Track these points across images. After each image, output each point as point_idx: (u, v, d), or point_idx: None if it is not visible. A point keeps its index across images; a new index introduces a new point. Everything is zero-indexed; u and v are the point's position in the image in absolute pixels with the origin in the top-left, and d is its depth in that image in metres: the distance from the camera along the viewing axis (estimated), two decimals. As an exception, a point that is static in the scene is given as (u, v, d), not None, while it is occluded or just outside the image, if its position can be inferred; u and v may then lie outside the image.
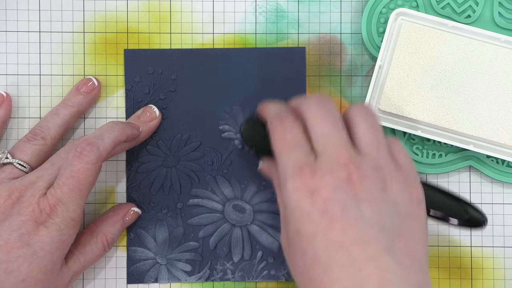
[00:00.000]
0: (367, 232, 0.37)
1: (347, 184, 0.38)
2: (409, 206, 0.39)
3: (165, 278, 0.50)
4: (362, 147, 0.40)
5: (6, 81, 0.50)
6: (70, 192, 0.43)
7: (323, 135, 0.40)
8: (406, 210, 0.39)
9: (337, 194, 0.38)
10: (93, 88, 0.49)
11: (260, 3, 0.51)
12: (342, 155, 0.39)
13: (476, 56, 0.48)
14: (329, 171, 0.38)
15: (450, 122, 0.48)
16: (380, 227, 0.37)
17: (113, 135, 0.44)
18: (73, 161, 0.43)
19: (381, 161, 0.40)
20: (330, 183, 0.38)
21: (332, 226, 0.37)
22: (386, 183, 0.39)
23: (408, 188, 0.40)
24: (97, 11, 0.51)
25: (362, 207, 0.38)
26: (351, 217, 0.37)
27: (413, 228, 0.39)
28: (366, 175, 0.38)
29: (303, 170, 0.38)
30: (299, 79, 0.50)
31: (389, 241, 0.37)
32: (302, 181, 0.38)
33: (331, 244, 0.37)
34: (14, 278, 0.42)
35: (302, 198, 0.38)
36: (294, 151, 0.40)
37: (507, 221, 0.51)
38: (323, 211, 0.37)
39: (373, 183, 0.38)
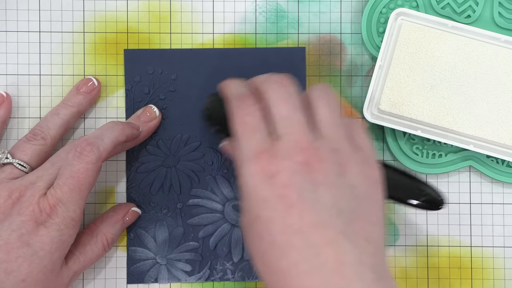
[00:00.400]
0: (324, 216, 0.37)
1: (305, 168, 0.38)
2: (366, 187, 0.39)
3: (165, 278, 0.50)
4: (321, 129, 0.40)
5: (6, 81, 0.50)
6: (70, 192, 0.43)
7: (282, 118, 0.39)
8: (363, 192, 0.39)
9: (294, 178, 0.37)
10: (93, 88, 0.49)
11: (260, 3, 0.51)
12: (301, 139, 0.38)
13: (476, 56, 0.48)
14: (287, 156, 0.38)
15: (450, 122, 0.48)
16: (337, 211, 0.37)
17: (113, 135, 0.44)
18: (73, 161, 0.43)
19: (339, 144, 0.39)
20: (288, 167, 0.37)
21: (289, 211, 0.37)
22: (344, 166, 0.39)
23: (366, 169, 0.39)
24: (97, 11, 0.51)
25: (319, 191, 0.37)
26: (308, 202, 0.37)
27: (369, 210, 0.39)
28: (324, 159, 0.38)
29: (261, 155, 0.38)
30: (299, 79, 0.50)
31: (346, 224, 0.37)
32: (260, 166, 0.38)
33: (288, 229, 0.37)
34: (14, 278, 0.42)
35: (259, 183, 0.37)
36: (253, 134, 0.39)
37: (507, 221, 0.51)
38: (280, 196, 0.37)
39: (330, 166, 0.38)
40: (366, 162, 0.40)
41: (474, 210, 0.51)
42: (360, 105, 0.51)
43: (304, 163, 0.38)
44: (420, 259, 0.51)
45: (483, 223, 0.51)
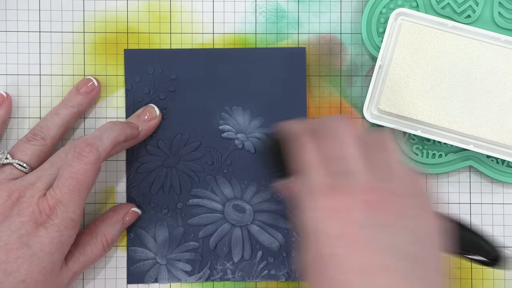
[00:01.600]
0: (386, 258, 0.37)
1: (367, 207, 0.38)
2: (427, 233, 0.39)
3: (165, 278, 0.50)
4: (387, 172, 0.40)
5: (6, 81, 0.50)
6: (70, 193, 0.43)
7: (349, 156, 0.39)
8: (423, 238, 0.39)
9: (356, 215, 0.37)
10: (93, 88, 0.49)
11: (260, 3, 0.51)
12: (368, 179, 0.39)
13: (476, 56, 0.48)
14: (349, 194, 0.38)
15: (450, 122, 0.48)
16: (400, 254, 0.37)
17: (112, 135, 0.44)
18: (72, 162, 0.43)
19: (399, 187, 0.39)
20: (353, 205, 0.37)
21: (354, 250, 0.37)
22: (407, 210, 0.39)
23: (426, 215, 0.39)
24: (97, 11, 0.51)
25: (384, 232, 0.37)
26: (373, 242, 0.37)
27: (430, 256, 0.39)
28: (385, 200, 0.38)
29: (327, 190, 0.38)
30: (299, 79, 0.50)
31: (409, 268, 0.37)
32: (325, 201, 0.38)
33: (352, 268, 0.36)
34: (13, 279, 0.42)
35: (324, 218, 0.37)
36: (318, 170, 0.39)
37: (507, 221, 0.51)
38: (345, 233, 0.37)
39: (392, 208, 0.38)
40: (425, 208, 0.40)
41: (474, 210, 0.51)
42: (360, 105, 0.51)
43: (369, 202, 0.38)
44: (420, 259, 0.51)
45: (483, 223, 0.51)
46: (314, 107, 0.51)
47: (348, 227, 0.37)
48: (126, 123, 0.47)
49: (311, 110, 0.51)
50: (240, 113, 0.50)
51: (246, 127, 0.50)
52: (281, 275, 0.50)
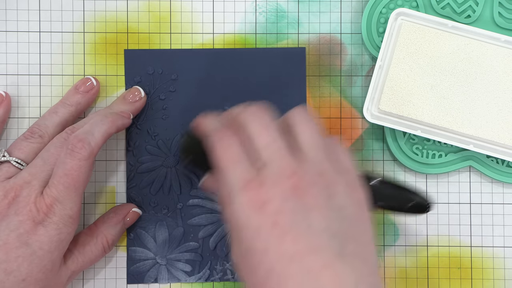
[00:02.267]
0: (318, 240, 0.36)
1: (294, 193, 0.37)
2: (354, 208, 0.39)
3: (165, 278, 0.50)
4: (304, 153, 0.39)
5: (6, 81, 0.50)
6: (66, 190, 0.43)
7: (264, 147, 0.39)
8: (352, 213, 0.39)
9: (285, 205, 0.37)
10: (91, 87, 0.49)
11: (260, 3, 0.51)
12: (286, 165, 0.38)
13: (476, 56, 0.48)
14: (275, 183, 0.38)
15: (450, 122, 0.48)
16: (330, 234, 0.37)
17: (103, 129, 0.44)
18: (66, 159, 0.43)
19: (324, 166, 0.39)
20: (277, 194, 0.37)
21: (284, 238, 0.36)
22: (331, 188, 0.39)
23: (352, 190, 0.39)
24: (97, 11, 0.51)
25: (311, 215, 0.37)
26: (301, 227, 0.37)
27: (360, 230, 0.39)
28: (311, 182, 0.38)
29: (249, 185, 0.38)
30: (299, 79, 0.50)
31: (340, 246, 0.37)
32: (249, 196, 0.37)
33: (284, 257, 0.36)
34: (14, 278, 0.42)
35: (250, 213, 0.37)
36: (238, 166, 0.39)
37: (507, 221, 0.51)
38: (273, 224, 0.37)
39: (319, 190, 0.38)
40: (350, 183, 0.40)
41: (474, 210, 0.51)
42: (360, 105, 0.51)
43: (293, 188, 0.37)
44: (420, 259, 0.51)
45: (483, 223, 0.51)
46: (314, 107, 0.51)
47: (277, 217, 0.37)
48: (116, 114, 0.47)
49: (311, 110, 0.51)
50: (240, 113, 0.50)
51: (246, 127, 0.50)
52: (281, 275, 0.50)
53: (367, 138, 0.51)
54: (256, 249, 0.37)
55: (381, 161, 0.51)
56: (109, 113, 0.46)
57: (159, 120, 0.50)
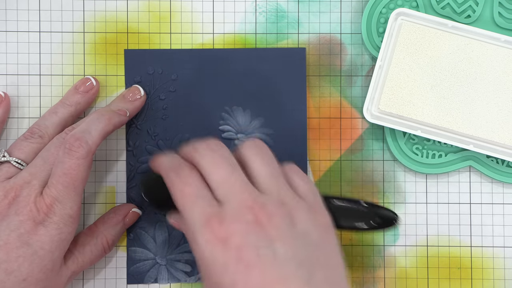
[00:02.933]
0: (286, 270, 0.36)
1: (256, 226, 0.37)
2: (319, 233, 0.39)
3: (165, 279, 0.50)
4: (261, 184, 0.40)
5: (6, 81, 0.50)
6: (65, 190, 0.43)
7: (221, 182, 0.39)
8: (317, 238, 0.39)
9: (248, 238, 0.37)
10: (91, 87, 0.49)
11: (260, 3, 0.51)
12: (245, 198, 0.38)
13: (476, 56, 0.48)
14: (235, 217, 0.38)
15: (450, 122, 0.48)
16: (297, 262, 0.37)
17: (100, 126, 0.44)
18: (63, 158, 0.43)
19: (282, 195, 0.39)
20: (239, 229, 0.37)
21: (250, 272, 0.36)
22: (292, 216, 0.39)
23: (314, 215, 0.40)
24: (97, 11, 0.51)
25: (275, 246, 0.37)
26: (267, 259, 0.37)
27: (327, 255, 0.39)
28: (272, 213, 0.38)
29: (210, 221, 0.38)
30: (299, 79, 0.50)
31: (308, 274, 0.37)
32: (211, 232, 0.38)
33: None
34: (15, 278, 0.42)
35: (214, 250, 0.37)
36: (197, 203, 0.39)
37: (507, 221, 0.51)
38: (238, 259, 0.37)
39: (281, 219, 0.38)
40: (312, 208, 0.40)
41: (474, 210, 0.51)
42: (360, 105, 0.51)
43: (253, 220, 0.38)
44: (420, 259, 0.51)
45: (483, 223, 0.51)
46: (314, 107, 0.51)
47: (241, 252, 0.37)
48: (113, 112, 0.47)
49: (311, 110, 0.51)
50: (240, 113, 0.50)
51: (246, 127, 0.50)
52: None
53: (367, 138, 0.51)
54: (224, 284, 0.37)
55: (381, 161, 0.51)
56: (105, 111, 0.46)
57: (159, 120, 0.50)
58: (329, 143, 0.51)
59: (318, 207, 0.41)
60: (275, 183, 0.40)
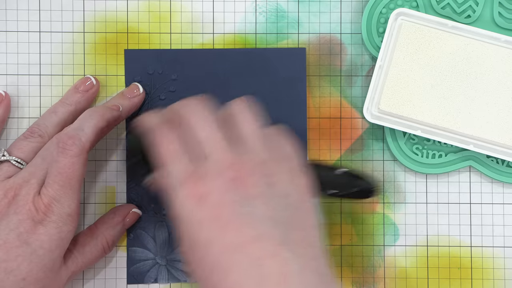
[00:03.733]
0: (262, 229, 0.37)
1: (235, 184, 0.38)
2: (297, 195, 0.39)
3: (165, 279, 0.50)
4: (244, 144, 0.40)
5: (6, 81, 0.50)
6: (62, 189, 0.43)
7: (203, 140, 0.39)
8: (295, 200, 0.39)
9: (225, 196, 0.37)
10: (91, 87, 0.49)
11: (260, 3, 0.51)
12: (226, 156, 0.39)
13: (476, 56, 0.48)
14: (215, 175, 0.38)
15: (450, 122, 0.48)
16: (274, 222, 0.37)
17: (92, 123, 0.44)
18: (58, 157, 0.43)
19: (264, 156, 0.39)
20: (218, 186, 0.37)
21: (226, 229, 0.37)
22: (272, 176, 0.39)
23: (295, 177, 0.40)
24: (97, 11, 0.51)
25: (253, 204, 0.37)
26: (244, 217, 0.37)
27: (304, 216, 0.39)
28: (252, 172, 0.38)
29: (190, 178, 0.38)
30: (299, 79, 0.50)
31: (284, 233, 0.37)
32: (190, 189, 0.38)
33: (228, 247, 0.36)
34: (14, 277, 0.42)
35: (192, 207, 0.37)
36: (179, 160, 0.39)
37: (507, 221, 0.51)
38: (215, 216, 0.37)
39: (260, 179, 0.38)
40: (293, 170, 0.40)
41: (474, 210, 0.51)
42: (360, 105, 0.51)
43: (233, 179, 0.38)
44: (420, 259, 0.51)
45: (483, 223, 0.51)
46: (314, 107, 0.51)
47: (218, 209, 0.37)
48: (105, 107, 0.46)
49: (311, 110, 0.51)
50: (240, 113, 0.50)
51: (246, 127, 0.50)
52: (281, 275, 0.50)
53: (367, 138, 0.51)
54: (200, 242, 0.37)
55: (381, 161, 0.51)
56: (98, 107, 0.46)
57: (159, 120, 0.50)
58: (329, 143, 0.51)
59: (298, 170, 0.41)
60: (258, 143, 0.40)
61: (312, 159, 0.44)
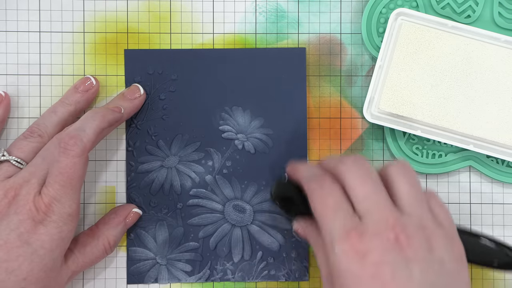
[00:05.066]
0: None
1: (395, 245, 0.38)
2: (453, 263, 0.39)
3: (165, 278, 0.50)
4: (404, 205, 0.40)
5: (6, 81, 0.50)
6: (62, 189, 0.43)
7: (365, 197, 0.40)
8: (451, 267, 0.39)
9: (386, 256, 0.38)
10: (91, 86, 0.49)
11: (260, 3, 0.51)
12: (387, 216, 0.39)
13: (476, 56, 0.48)
14: (376, 233, 0.38)
15: (450, 122, 0.48)
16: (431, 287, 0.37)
17: (94, 124, 0.44)
18: (59, 157, 0.43)
19: (424, 219, 0.40)
20: (379, 245, 0.38)
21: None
22: (431, 241, 0.39)
23: (451, 245, 0.40)
24: (97, 11, 0.51)
25: (411, 267, 0.38)
26: (402, 279, 0.37)
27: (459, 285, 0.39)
28: (412, 235, 0.39)
29: (350, 234, 0.38)
30: (299, 79, 0.50)
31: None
32: (350, 245, 0.38)
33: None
34: (15, 277, 0.42)
35: (351, 262, 0.38)
36: (338, 214, 0.39)
37: (507, 221, 0.51)
38: (374, 275, 0.37)
39: (419, 242, 0.39)
40: (450, 237, 0.40)
41: (474, 210, 0.51)
42: (360, 105, 0.51)
43: (393, 240, 0.38)
44: (420, 259, 0.51)
45: (483, 223, 0.51)
46: (314, 107, 0.51)
47: (377, 268, 0.37)
48: (107, 109, 0.47)
49: (311, 110, 0.51)
50: (240, 113, 0.50)
51: (246, 127, 0.50)
52: (281, 275, 0.50)
53: (367, 138, 0.51)
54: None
55: (381, 161, 0.51)
56: (100, 108, 0.46)
57: (159, 120, 0.50)
58: (329, 143, 0.51)
59: (454, 236, 0.41)
60: (418, 206, 0.40)
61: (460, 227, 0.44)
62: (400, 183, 0.41)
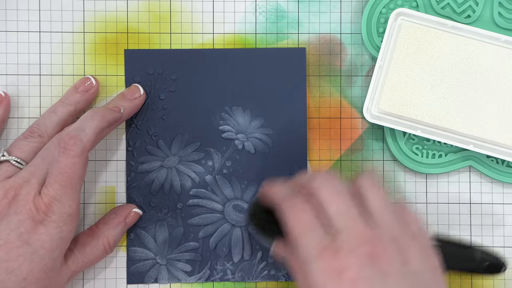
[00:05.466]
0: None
1: (370, 260, 0.38)
2: (429, 274, 0.39)
3: (165, 278, 0.50)
4: (376, 219, 0.40)
5: (6, 81, 0.50)
6: (62, 189, 0.43)
7: (338, 213, 0.40)
8: (427, 278, 0.39)
9: (362, 272, 0.37)
10: (91, 86, 0.49)
11: (260, 3, 0.51)
12: (362, 231, 0.39)
13: (476, 56, 0.48)
14: (351, 249, 0.38)
15: (450, 122, 0.48)
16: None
17: (94, 124, 0.44)
18: (59, 157, 0.43)
19: (396, 232, 0.40)
20: (355, 261, 0.38)
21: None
22: (405, 253, 0.39)
23: (426, 255, 0.40)
24: (97, 11, 0.51)
25: (388, 281, 0.37)
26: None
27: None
28: (387, 247, 0.38)
29: (325, 251, 0.38)
30: (299, 79, 0.50)
31: None
32: (326, 262, 0.38)
33: None
34: (15, 277, 0.42)
35: (328, 280, 0.38)
36: (312, 232, 0.39)
37: (507, 221, 0.51)
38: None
39: (394, 255, 0.38)
40: (424, 247, 0.40)
41: (474, 210, 0.51)
42: (360, 105, 0.51)
43: (369, 255, 0.38)
44: (420, 259, 0.51)
45: (483, 223, 0.51)
46: (314, 107, 0.51)
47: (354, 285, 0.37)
48: (106, 109, 0.47)
49: (311, 110, 0.51)
50: (240, 113, 0.50)
51: (246, 127, 0.50)
52: (281, 275, 0.50)
53: (367, 138, 0.51)
54: None
55: (381, 161, 0.51)
56: (99, 108, 0.46)
57: (159, 120, 0.50)
58: (329, 143, 0.51)
59: (428, 247, 0.41)
60: (390, 217, 0.40)
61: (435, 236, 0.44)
62: (370, 197, 0.41)
